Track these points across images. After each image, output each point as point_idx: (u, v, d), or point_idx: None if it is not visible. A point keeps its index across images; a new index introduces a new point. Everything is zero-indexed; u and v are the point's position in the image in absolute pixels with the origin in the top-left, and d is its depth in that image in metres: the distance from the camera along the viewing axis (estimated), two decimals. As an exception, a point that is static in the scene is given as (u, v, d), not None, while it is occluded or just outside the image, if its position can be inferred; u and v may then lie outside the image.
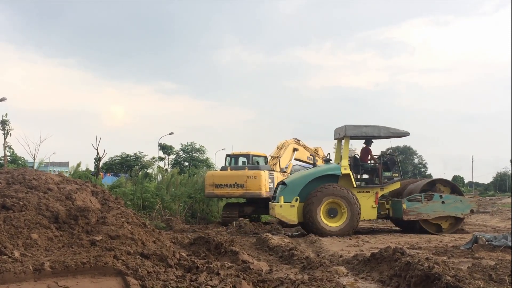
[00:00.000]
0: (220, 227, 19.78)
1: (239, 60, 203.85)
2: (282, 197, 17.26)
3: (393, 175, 18.37)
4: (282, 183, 18.28)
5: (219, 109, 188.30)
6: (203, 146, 61.88)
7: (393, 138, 19.06)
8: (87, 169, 26.54)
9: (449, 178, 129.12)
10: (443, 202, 17.31)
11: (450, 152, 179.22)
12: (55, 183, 11.21)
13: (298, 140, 24.62)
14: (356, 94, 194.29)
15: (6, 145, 26.23)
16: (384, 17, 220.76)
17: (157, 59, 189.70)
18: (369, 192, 17.63)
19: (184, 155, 62.25)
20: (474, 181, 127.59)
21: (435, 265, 6.98)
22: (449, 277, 6.37)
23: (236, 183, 21.08)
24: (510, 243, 12.12)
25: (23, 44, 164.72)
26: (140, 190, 21.28)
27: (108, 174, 47.70)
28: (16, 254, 7.34)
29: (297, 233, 18.23)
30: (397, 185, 18.21)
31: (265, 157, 24.02)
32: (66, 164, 66.34)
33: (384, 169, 18.15)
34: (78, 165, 25.56)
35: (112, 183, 24.64)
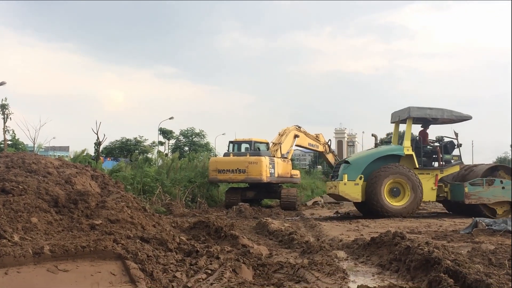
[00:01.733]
0: (220, 211, 19.87)
1: (239, 45, 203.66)
2: (346, 175, 17.74)
3: (454, 158, 18.79)
4: (345, 161, 18.87)
5: (219, 93, 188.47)
6: (203, 131, 61.78)
7: (456, 122, 19.43)
8: (87, 154, 26.55)
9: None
10: (503, 188, 17.51)
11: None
12: (54, 167, 11.20)
13: (299, 127, 25.20)
14: (356, 79, 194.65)
15: (6, 129, 26.09)
16: (384, 2, 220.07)
17: (157, 44, 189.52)
18: (429, 174, 18.13)
19: (184, 140, 62.14)
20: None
21: (435, 249, 6.97)
22: (448, 261, 6.35)
23: (238, 168, 21.85)
24: (509, 228, 12.13)
25: (23, 28, 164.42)
26: (140, 174, 21.29)
27: (108, 159, 47.64)
28: (16, 238, 7.33)
29: (297, 218, 18.25)
30: (456, 168, 18.67)
31: (267, 144, 24.52)
32: (66, 148, 66.27)
33: (444, 152, 18.53)
34: (83, 151, 25.56)
35: (112, 168, 24.62)
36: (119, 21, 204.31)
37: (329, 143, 27.72)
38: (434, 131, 22.37)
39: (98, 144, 28.09)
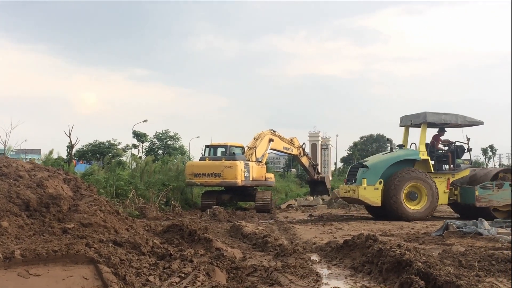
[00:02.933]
0: (194, 215, 19.86)
1: (213, 48, 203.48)
2: (365, 180, 17.91)
3: (465, 162, 19.32)
4: (363, 165, 18.96)
5: (193, 96, 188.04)
6: (177, 134, 61.55)
7: (468, 127, 19.81)
8: (59, 157, 26.21)
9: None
10: None
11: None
12: (26, 170, 11.06)
13: (274, 131, 25.94)
14: (330, 83, 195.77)
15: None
16: (358, 5, 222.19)
17: (130, 45, 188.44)
18: (441, 178, 18.51)
19: (158, 143, 61.83)
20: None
21: (406, 251, 7.07)
22: (420, 263, 6.45)
23: (213, 172, 22.23)
24: (479, 230, 12.34)
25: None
26: (113, 177, 21.10)
27: (81, 162, 47.16)
28: (-14, 242, 7.22)
29: (271, 220, 18.29)
30: (466, 172, 19.06)
31: (242, 148, 25.02)
32: (38, 151, 65.33)
33: (453, 156, 18.96)
34: (50, 152, 25.22)
35: (85, 171, 24.36)
36: (91, 23, 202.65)
37: (303, 146, 28.75)
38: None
39: (70, 147, 27.77)
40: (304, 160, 29.04)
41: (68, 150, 27.94)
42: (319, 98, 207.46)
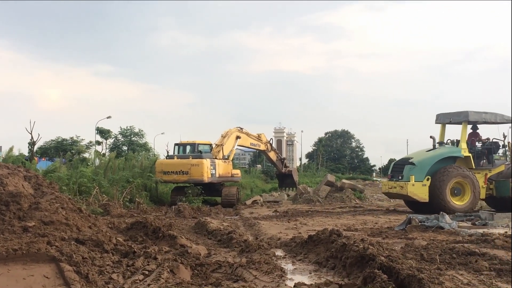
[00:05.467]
0: (158, 212, 19.76)
1: (178, 43, 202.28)
2: (413, 176, 18.45)
3: (501, 158, 20.23)
4: (409, 162, 19.41)
5: (158, 92, 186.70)
6: (142, 130, 61.07)
7: (504, 124, 20.67)
8: (20, 154, 25.73)
9: (386, 161, 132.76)
10: None
11: (387, 136, 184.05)
12: (-15, 168, 10.80)
13: (241, 129, 27.17)
14: (295, 79, 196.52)
15: None
16: (323, 2, 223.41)
17: (94, 41, 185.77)
18: (479, 173, 19.17)
19: (122, 139, 61.24)
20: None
21: (369, 246, 7.13)
22: (382, 258, 6.52)
23: (181, 170, 23.54)
24: (441, 224, 12.55)
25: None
26: (76, 175, 20.78)
27: (43, 159, 46.33)
28: None
29: (236, 217, 18.28)
30: (502, 168, 19.68)
31: (210, 145, 26.04)
32: (-2, 148, 64.04)
33: (489, 152, 19.75)
34: (11, 149, 24.77)
35: (47, 168, 23.93)
36: (54, 18, 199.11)
37: (271, 141, 30.23)
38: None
39: (32, 143, 27.31)
40: (272, 155, 30.33)
41: (30, 147, 27.42)
42: (285, 94, 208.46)
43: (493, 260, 7.79)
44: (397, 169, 20.14)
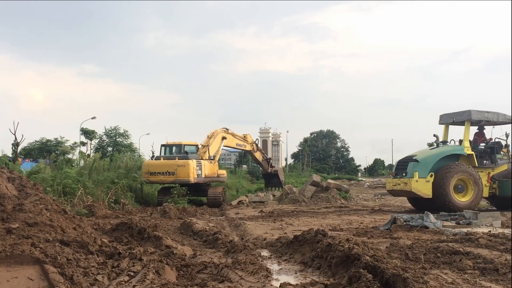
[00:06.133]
0: (144, 212, 19.68)
1: (163, 44, 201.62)
2: (417, 173, 18.79)
3: (504, 157, 20.51)
4: (413, 159, 19.73)
5: (144, 93, 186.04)
6: (127, 131, 60.75)
7: (507, 124, 20.86)
8: (4, 155, 25.52)
9: (371, 161, 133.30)
10: None
11: (373, 136, 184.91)
12: (-33, 169, 10.69)
13: (227, 129, 27.72)
14: (280, 79, 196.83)
15: None
16: (308, 2, 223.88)
17: (79, 41, 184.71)
18: (482, 172, 19.55)
19: (107, 140, 60.90)
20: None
21: (355, 246, 7.16)
22: (368, 257, 6.54)
23: (167, 171, 23.86)
24: (426, 223, 12.64)
25: None
26: (60, 176, 20.65)
27: (27, 160, 45.98)
28: None
29: (222, 217, 18.27)
30: (504, 167, 20.13)
31: (197, 146, 26.34)
32: (-19, 150, 63.44)
33: (492, 152, 20.13)
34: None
35: (31, 169, 23.76)
36: (39, 18, 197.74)
37: (256, 141, 30.81)
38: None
39: (16, 144, 27.10)
40: (258, 155, 30.88)
41: (13, 148, 27.21)
42: (270, 94, 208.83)
43: (477, 259, 7.85)
44: (401, 167, 20.52)
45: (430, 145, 22.05)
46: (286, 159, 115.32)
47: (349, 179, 68.38)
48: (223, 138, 27.12)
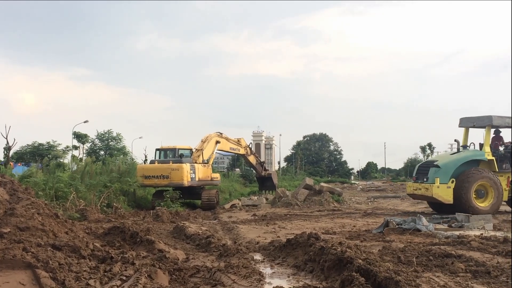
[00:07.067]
0: (136, 216, 19.62)
1: (155, 47, 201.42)
2: (438, 179, 18.89)
3: None
4: (434, 165, 19.82)
5: (136, 96, 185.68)
6: (120, 134, 60.56)
7: None
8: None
9: (364, 164, 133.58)
10: None
11: (365, 139, 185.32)
12: (-41, 173, 10.63)
13: (221, 134, 28.16)
14: (273, 82, 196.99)
15: None
16: (300, 6, 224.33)
17: (71, 45, 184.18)
18: (502, 176, 19.59)
19: (100, 144, 60.70)
20: (387, 167, 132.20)
21: (347, 249, 7.18)
22: (360, 260, 6.56)
23: (162, 174, 24.26)
24: (418, 226, 12.66)
25: None
26: (52, 180, 20.55)
27: (19, 164, 45.78)
28: None
29: (214, 221, 18.24)
30: None
31: (191, 150, 26.81)
32: (-28, 154, 63.08)
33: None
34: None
35: (23, 173, 23.64)
36: (30, 21, 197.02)
37: (250, 145, 31.49)
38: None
39: (7, 148, 26.97)
40: (251, 158, 31.40)
41: (5, 152, 27.08)
42: (263, 98, 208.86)
43: (469, 262, 7.89)
44: (422, 171, 20.64)
45: (422, 148, 22.13)
46: (279, 163, 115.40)
47: (342, 182, 68.51)
48: (217, 142, 27.51)
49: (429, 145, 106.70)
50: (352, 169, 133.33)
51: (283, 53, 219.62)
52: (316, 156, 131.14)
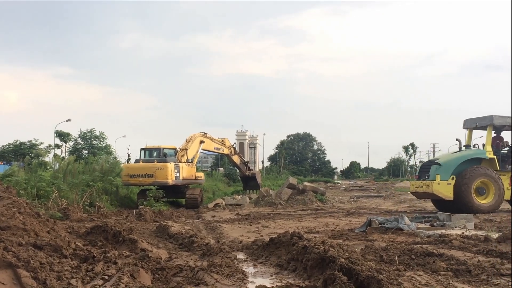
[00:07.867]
0: (119, 215, 19.54)
1: (139, 46, 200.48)
2: (439, 176, 19.12)
3: None
4: (435, 163, 20.13)
5: (119, 95, 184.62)
6: (103, 133, 60.14)
7: None
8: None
9: (347, 164, 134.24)
10: None
11: (349, 139, 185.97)
12: None
13: (205, 134, 28.94)
14: (257, 82, 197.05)
15: None
16: (284, 5, 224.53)
17: (54, 43, 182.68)
18: (505, 175, 19.75)
19: (82, 143, 60.26)
20: (370, 166, 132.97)
21: (330, 248, 7.19)
22: (343, 259, 6.58)
23: (146, 173, 24.75)
24: (400, 225, 12.74)
25: None
26: (34, 179, 20.39)
27: (0, 163, 45.38)
28: None
29: (198, 220, 18.21)
30: None
31: (175, 149, 27.30)
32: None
33: None
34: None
35: (4, 172, 23.43)
36: (12, 19, 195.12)
37: (234, 145, 32.32)
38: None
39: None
40: (236, 158, 32.04)
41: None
42: (246, 97, 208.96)
43: (450, 261, 7.94)
44: (424, 170, 20.99)
45: (405, 148, 22.39)
46: (263, 162, 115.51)
47: (325, 181, 68.74)
48: (201, 142, 28.10)
49: (412, 145, 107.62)
50: (336, 168, 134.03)
51: (267, 53, 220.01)
52: (299, 155, 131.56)
